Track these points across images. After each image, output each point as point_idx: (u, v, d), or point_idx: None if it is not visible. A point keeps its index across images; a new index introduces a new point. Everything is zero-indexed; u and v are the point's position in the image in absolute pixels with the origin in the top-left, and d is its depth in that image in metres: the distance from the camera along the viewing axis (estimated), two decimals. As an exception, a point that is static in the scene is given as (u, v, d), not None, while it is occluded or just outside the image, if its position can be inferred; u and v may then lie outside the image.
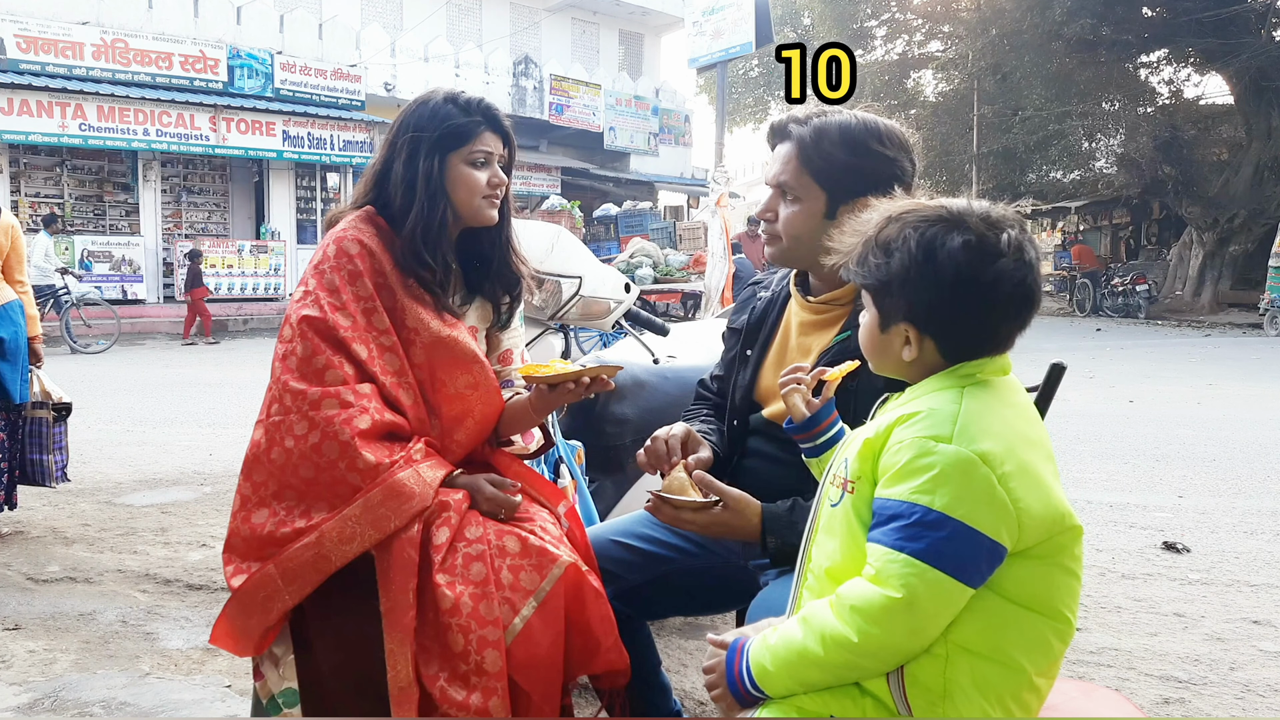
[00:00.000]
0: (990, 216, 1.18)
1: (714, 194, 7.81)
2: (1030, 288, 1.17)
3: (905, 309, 1.20)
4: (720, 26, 8.33)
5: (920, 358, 1.22)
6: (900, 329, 1.22)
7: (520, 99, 21.94)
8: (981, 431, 1.12)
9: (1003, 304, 1.17)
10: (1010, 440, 1.13)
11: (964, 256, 1.15)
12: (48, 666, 2.71)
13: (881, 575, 1.10)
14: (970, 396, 1.16)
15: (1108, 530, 4.14)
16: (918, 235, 1.18)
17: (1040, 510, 1.12)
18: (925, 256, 1.16)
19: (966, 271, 1.15)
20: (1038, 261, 1.20)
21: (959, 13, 22.30)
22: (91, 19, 16.35)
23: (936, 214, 1.19)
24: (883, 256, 1.20)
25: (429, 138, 1.72)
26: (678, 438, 1.69)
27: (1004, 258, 1.15)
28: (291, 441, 1.59)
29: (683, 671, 2.67)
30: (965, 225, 1.17)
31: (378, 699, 1.52)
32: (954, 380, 1.19)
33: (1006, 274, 1.15)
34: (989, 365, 1.20)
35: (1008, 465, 1.10)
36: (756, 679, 1.19)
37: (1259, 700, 2.53)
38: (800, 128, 1.66)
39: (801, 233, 1.66)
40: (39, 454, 4.03)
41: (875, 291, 1.23)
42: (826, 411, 1.49)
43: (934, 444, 1.11)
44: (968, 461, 1.10)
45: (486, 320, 1.91)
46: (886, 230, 1.21)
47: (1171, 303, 20.06)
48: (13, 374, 3.94)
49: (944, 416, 1.13)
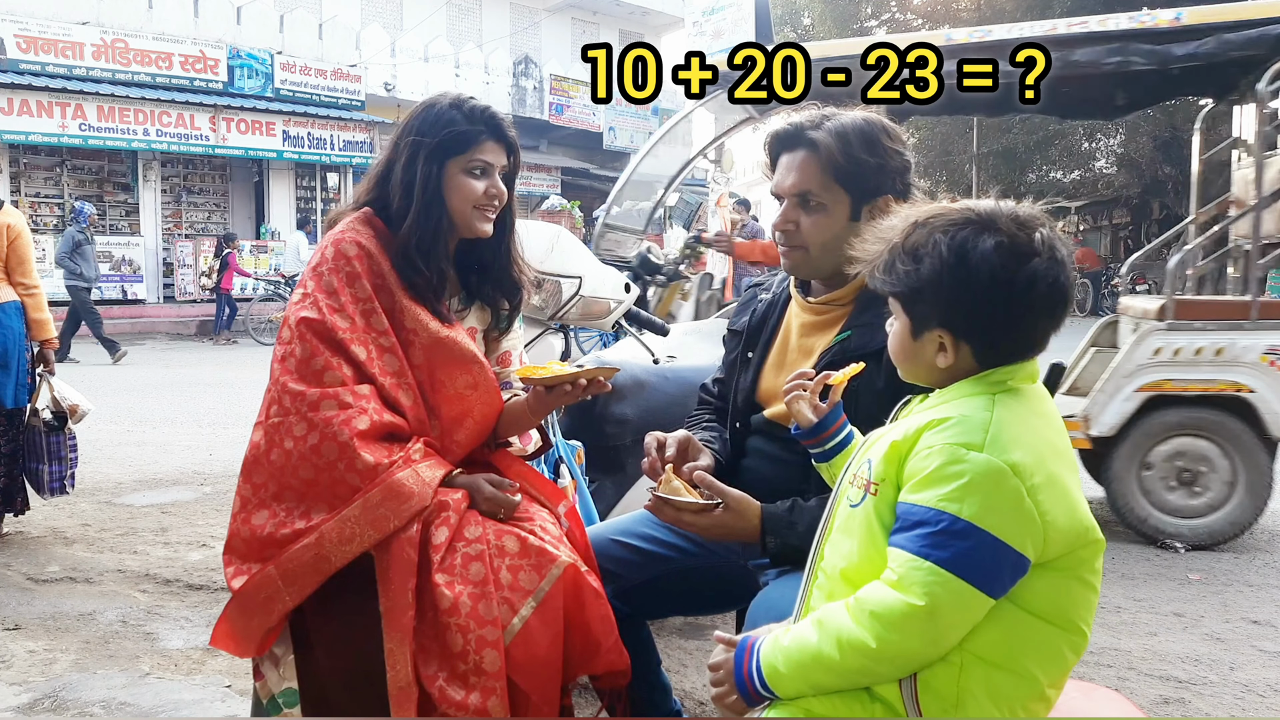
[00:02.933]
0: (1020, 216, 1.17)
1: (714, 194, 7.80)
2: (1064, 286, 1.16)
3: (940, 315, 1.18)
4: (720, 26, 8.31)
5: (955, 364, 1.20)
6: (934, 335, 1.20)
7: (520, 99, 21.93)
8: (1013, 441, 1.11)
9: (1039, 304, 1.16)
10: (1040, 451, 1.12)
11: (997, 259, 1.14)
12: (48, 666, 2.71)
13: (904, 581, 1.09)
14: (1001, 405, 1.15)
15: (1107, 530, 4.14)
16: (948, 239, 1.16)
17: (1065, 524, 1.11)
18: (958, 260, 1.15)
19: (1001, 274, 1.13)
20: (1070, 259, 1.18)
21: (959, 13, 22.27)
22: (91, 19, 16.33)
23: (965, 217, 1.17)
24: (912, 263, 1.18)
25: (429, 143, 1.72)
26: (672, 438, 1.69)
27: (1037, 257, 1.14)
28: (291, 443, 1.59)
29: (683, 671, 2.67)
30: (996, 227, 1.15)
31: (377, 699, 1.52)
32: (985, 387, 1.18)
33: (1041, 273, 1.14)
34: (1019, 372, 1.19)
35: (1037, 477, 1.10)
36: (767, 679, 1.18)
37: (1259, 700, 2.53)
38: (817, 133, 1.64)
39: (829, 239, 1.64)
40: (35, 463, 3.96)
41: (906, 298, 1.21)
42: (834, 416, 1.48)
43: (965, 452, 1.10)
44: (998, 472, 1.09)
45: (485, 323, 1.91)
46: (914, 236, 1.19)
47: (1172, 303, 20.02)
48: (5, 379, 3.86)
49: (976, 424, 1.12)
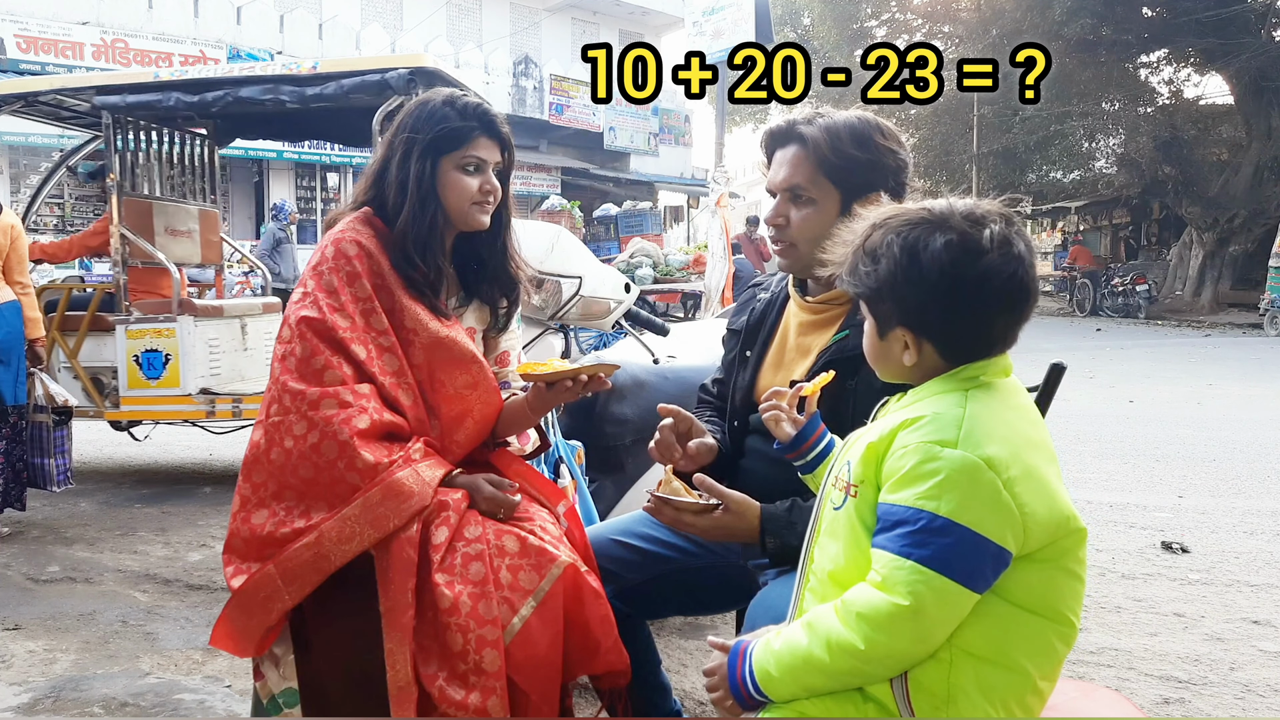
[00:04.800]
0: (974, 214, 1.18)
1: (714, 194, 7.80)
2: (1021, 281, 1.16)
3: (898, 314, 1.20)
4: (720, 26, 8.31)
5: (921, 361, 1.21)
6: (897, 334, 1.21)
7: (520, 99, 21.93)
8: (986, 436, 1.11)
9: (994, 300, 1.16)
10: (1015, 444, 1.13)
11: (947, 256, 1.15)
12: (48, 666, 2.72)
13: (888, 582, 1.10)
14: (974, 400, 1.16)
15: (1108, 530, 4.14)
16: (900, 240, 1.17)
17: (1045, 514, 1.12)
18: (909, 260, 1.16)
19: (951, 271, 1.15)
20: (1029, 254, 1.18)
21: (959, 13, 22.27)
22: (91, 19, 16.34)
23: (919, 216, 1.19)
24: (871, 264, 1.20)
25: (423, 139, 1.72)
26: (677, 424, 1.69)
27: (988, 254, 1.15)
28: (290, 442, 1.59)
29: (683, 671, 2.67)
30: (948, 225, 1.16)
31: (377, 699, 1.52)
32: (957, 383, 1.19)
33: (994, 269, 1.15)
34: (991, 367, 1.20)
35: (1013, 470, 1.10)
36: (760, 683, 1.18)
37: (1259, 700, 2.53)
38: (808, 128, 1.65)
39: (819, 234, 1.63)
40: (40, 458, 4.03)
41: (868, 299, 1.23)
42: (812, 426, 1.49)
43: (939, 449, 1.11)
44: (973, 467, 1.09)
45: (484, 322, 1.91)
46: (872, 238, 1.21)
47: (1171, 303, 20.03)
48: (6, 375, 3.91)
49: (948, 421, 1.13)
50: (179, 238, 5.23)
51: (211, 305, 5.04)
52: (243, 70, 4.66)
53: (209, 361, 4.71)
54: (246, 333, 5.13)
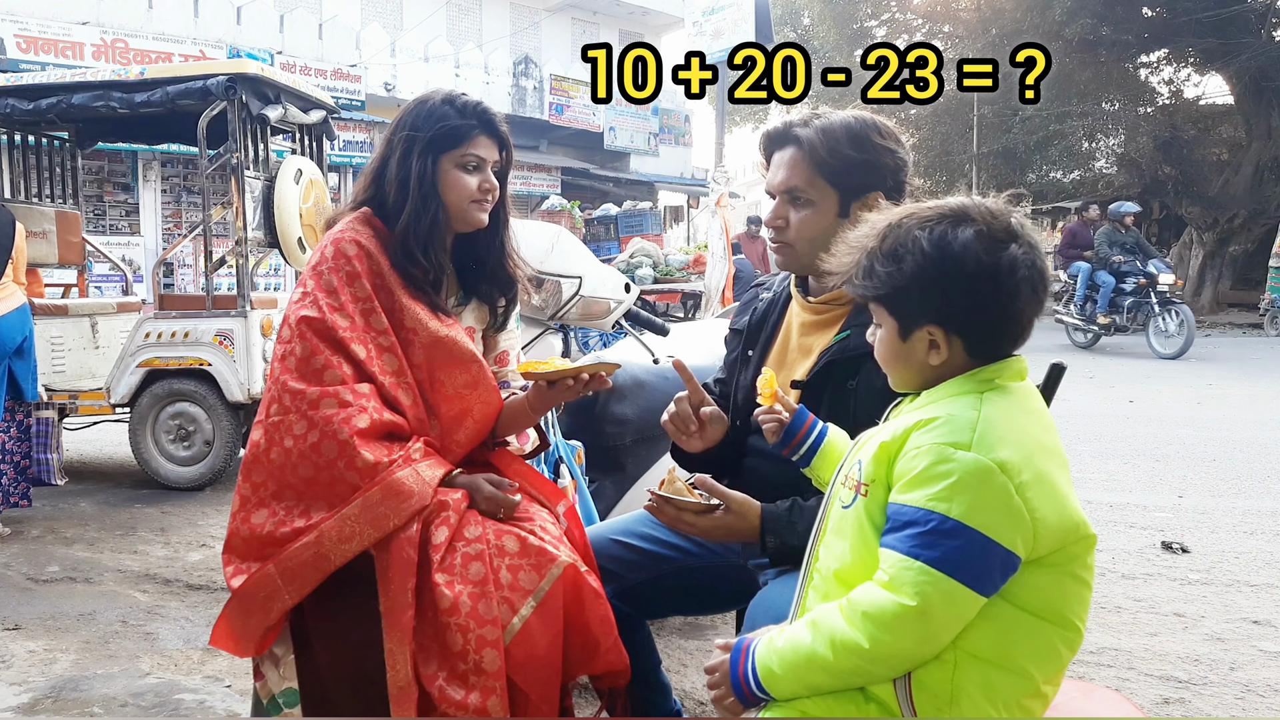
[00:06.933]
0: (989, 207, 1.20)
1: (714, 194, 7.81)
2: (1041, 269, 1.19)
3: (930, 310, 1.19)
4: (720, 26, 8.32)
5: (949, 360, 1.21)
6: (924, 334, 1.21)
7: (520, 99, 21.92)
8: (1000, 439, 1.11)
9: (1023, 287, 1.17)
10: (1028, 449, 1.13)
11: (979, 245, 1.16)
12: (48, 666, 2.71)
13: (895, 582, 1.10)
14: (989, 403, 1.16)
15: (1108, 530, 4.14)
16: (927, 234, 1.17)
17: (1055, 520, 1.12)
18: (940, 253, 1.16)
19: (985, 260, 1.15)
20: (1039, 244, 1.21)
21: (959, 13, 22.27)
22: (91, 19, 16.33)
23: (938, 213, 1.20)
24: (893, 264, 1.19)
25: (422, 138, 1.73)
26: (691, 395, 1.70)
27: (1015, 242, 1.17)
28: (290, 441, 1.59)
29: (683, 671, 2.67)
30: (970, 217, 1.18)
31: (377, 699, 1.52)
32: (973, 385, 1.18)
33: (1020, 258, 1.16)
34: (1007, 370, 1.20)
35: (1025, 474, 1.10)
36: (762, 680, 1.18)
37: (1259, 700, 2.53)
38: (804, 130, 1.66)
39: (817, 235, 1.64)
40: (44, 453, 4.07)
41: (890, 300, 1.22)
42: (801, 419, 1.49)
43: (952, 451, 1.10)
44: (986, 470, 1.09)
45: (483, 322, 1.91)
46: (890, 238, 1.21)
47: (1172, 303, 20.02)
48: (26, 372, 3.98)
49: (963, 423, 1.13)
50: (33, 239, 5.28)
51: (54, 304, 5.18)
52: (74, 77, 4.84)
53: (50, 360, 4.90)
54: (98, 331, 5.32)
